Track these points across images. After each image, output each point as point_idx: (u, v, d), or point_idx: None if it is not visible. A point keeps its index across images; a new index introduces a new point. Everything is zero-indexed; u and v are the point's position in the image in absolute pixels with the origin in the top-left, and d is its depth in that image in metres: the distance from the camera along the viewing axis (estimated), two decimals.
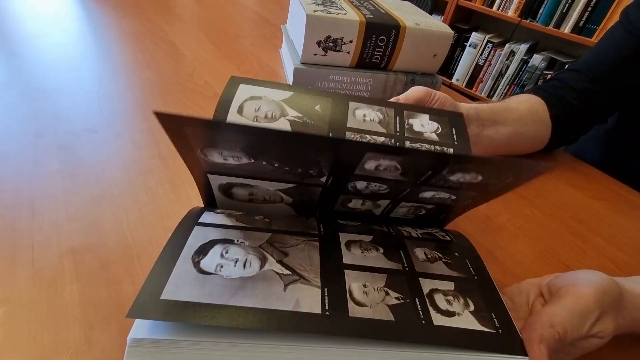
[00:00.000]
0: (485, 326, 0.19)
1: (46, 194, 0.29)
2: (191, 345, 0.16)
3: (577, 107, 0.44)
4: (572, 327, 0.19)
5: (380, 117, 0.30)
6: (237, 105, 0.28)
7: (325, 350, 0.17)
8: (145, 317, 0.16)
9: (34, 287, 0.23)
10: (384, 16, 0.50)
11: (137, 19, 0.69)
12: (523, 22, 1.37)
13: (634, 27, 0.43)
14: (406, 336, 0.18)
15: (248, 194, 0.25)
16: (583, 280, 0.21)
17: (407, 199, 0.25)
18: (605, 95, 0.44)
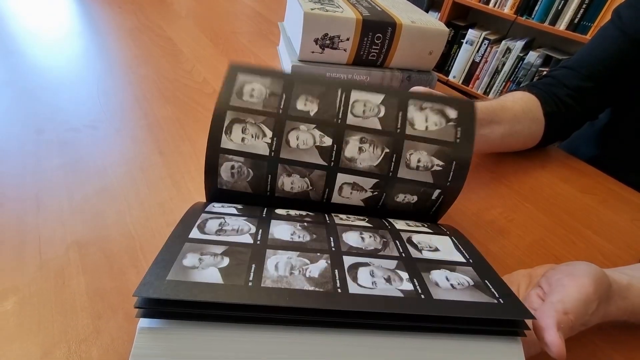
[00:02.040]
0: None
1: (50, 189, 0.30)
2: (200, 328, 0.17)
3: (570, 105, 0.45)
4: (580, 314, 0.20)
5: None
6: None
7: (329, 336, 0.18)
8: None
9: (42, 278, 0.23)
10: (380, 14, 0.51)
11: (134, 15, 0.69)
12: (519, 19, 1.38)
13: (625, 26, 0.44)
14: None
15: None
16: (581, 271, 0.22)
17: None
18: (596, 92, 0.45)
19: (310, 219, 0.25)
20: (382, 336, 0.18)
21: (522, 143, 0.45)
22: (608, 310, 0.23)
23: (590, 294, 0.21)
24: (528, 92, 0.45)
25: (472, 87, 1.64)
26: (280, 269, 0.20)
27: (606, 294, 0.22)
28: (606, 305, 0.22)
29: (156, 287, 0.17)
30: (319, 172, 0.27)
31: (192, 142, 0.38)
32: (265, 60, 0.60)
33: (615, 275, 0.24)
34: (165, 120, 0.41)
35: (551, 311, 0.19)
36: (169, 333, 0.17)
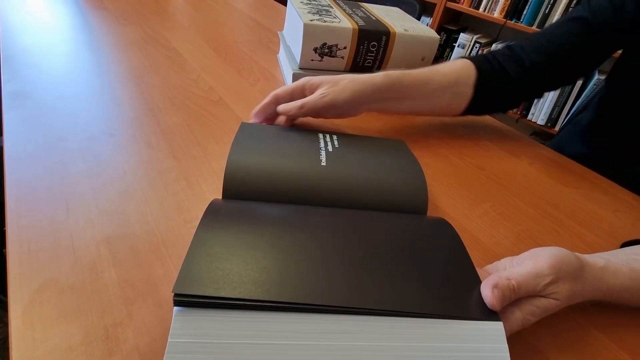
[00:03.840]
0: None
1: (77, 192, 0.32)
2: (228, 312, 0.20)
3: (516, 79, 0.46)
4: (527, 283, 0.22)
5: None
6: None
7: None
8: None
9: (77, 271, 0.26)
10: (375, 23, 0.54)
11: (138, 26, 0.72)
12: (508, 22, 1.43)
13: (592, 11, 0.45)
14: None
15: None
16: (543, 252, 0.25)
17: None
18: (547, 69, 0.46)
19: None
20: (374, 320, 0.21)
21: (436, 113, 0.48)
22: (583, 290, 0.25)
23: (545, 268, 0.23)
24: (472, 63, 0.46)
25: None
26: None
27: (573, 273, 0.24)
28: (576, 284, 0.25)
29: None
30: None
31: (202, 147, 0.41)
32: (267, 68, 0.63)
33: (591, 259, 0.27)
34: (176, 126, 0.44)
35: (494, 276, 0.22)
36: (201, 316, 0.19)
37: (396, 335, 0.20)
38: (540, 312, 0.24)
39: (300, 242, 0.24)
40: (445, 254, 0.26)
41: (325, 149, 0.35)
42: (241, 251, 0.23)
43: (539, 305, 0.23)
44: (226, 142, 0.43)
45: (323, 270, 0.22)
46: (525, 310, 0.23)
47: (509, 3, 1.41)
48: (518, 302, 0.23)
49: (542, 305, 0.23)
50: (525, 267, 0.24)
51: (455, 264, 0.25)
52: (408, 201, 0.32)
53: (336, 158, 0.34)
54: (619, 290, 0.27)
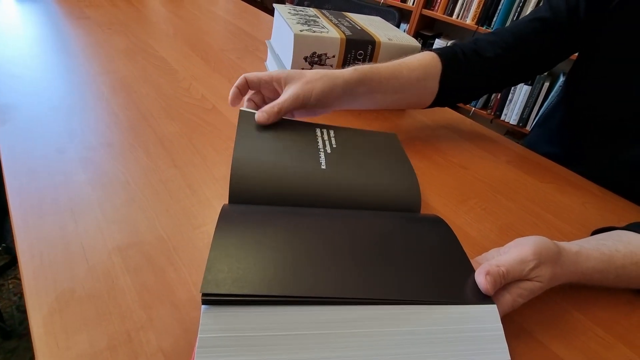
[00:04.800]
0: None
1: (82, 202, 0.33)
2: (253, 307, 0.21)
3: (478, 74, 0.49)
4: (514, 269, 0.25)
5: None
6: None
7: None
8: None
9: (92, 279, 0.26)
10: (361, 33, 0.57)
11: (124, 35, 0.72)
12: (480, 29, 1.51)
13: (551, 8, 0.48)
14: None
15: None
16: (526, 240, 0.28)
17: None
18: (508, 64, 0.49)
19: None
20: (382, 309, 0.23)
21: (403, 107, 0.51)
22: (562, 273, 0.29)
23: (528, 254, 0.26)
24: (438, 58, 0.47)
25: None
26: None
27: (553, 258, 0.27)
28: (556, 267, 0.28)
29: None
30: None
31: (201, 155, 0.42)
32: None
33: (567, 245, 0.30)
34: (173, 135, 0.44)
35: (485, 264, 0.25)
36: (226, 312, 0.21)
37: (402, 320, 0.23)
38: (527, 294, 0.26)
39: (308, 240, 0.26)
40: (441, 247, 0.28)
41: (324, 150, 0.36)
42: (257, 252, 0.24)
43: (525, 288, 0.26)
44: (224, 149, 0.44)
45: (332, 265, 0.24)
46: (514, 293, 0.26)
47: (480, 10, 1.49)
48: (507, 287, 0.26)
49: (529, 288, 0.26)
50: (511, 255, 0.27)
51: (451, 255, 0.28)
52: (403, 201, 0.34)
53: (335, 161, 0.35)
54: (591, 272, 0.30)
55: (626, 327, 0.31)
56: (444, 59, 0.47)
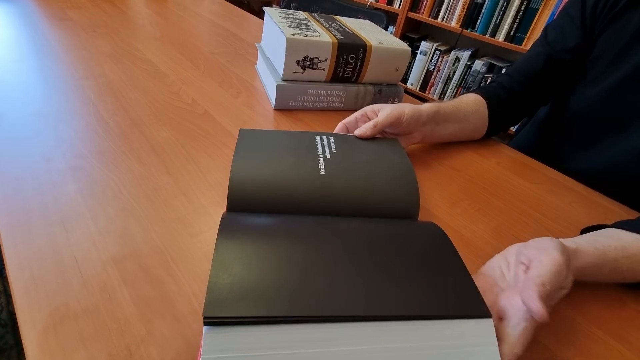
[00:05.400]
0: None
1: (73, 213, 0.31)
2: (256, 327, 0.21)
3: (508, 105, 0.56)
4: (554, 284, 0.25)
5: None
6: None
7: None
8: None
9: (88, 293, 0.26)
10: (352, 37, 0.57)
11: (109, 38, 0.70)
12: (464, 31, 1.54)
13: (549, 43, 0.55)
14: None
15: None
16: (549, 245, 0.28)
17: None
18: (528, 96, 0.57)
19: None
20: (380, 325, 0.22)
21: (468, 136, 0.56)
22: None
23: (562, 264, 0.26)
24: (479, 94, 0.56)
25: (428, 93, 1.78)
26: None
27: (570, 260, 0.28)
28: (571, 268, 0.28)
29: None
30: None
31: (195, 161, 0.41)
32: (247, 79, 0.64)
33: (566, 243, 0.31)
34: (166, 141, 0.43)
35: (532, 285, 0.25)
36: (229, 333, 0.21)
37: (399, 337, 0.23)
38: (557, 302, 0.27)
39: (309, 255, 0.26)
40: (438, 258, 0.28)
41: (323, 156, 0.36)
42: (259, 267, 0.24)
43: (556, 298, 0.27)
44: (218, 155, 0.43)
45: (333, 281, 0.24)
46: (548, 304, 0.26)
47: (464, 13, 1.53)
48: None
49: (559, 297, 0.27)
50: (546, 267, 0.26)
51: (449, 267, 0.27)
52: (401, 207, 0.35)
53: (334, 166, 0.35)
54: (588, 267, 0.31)
55: (618, 324, 0.32)
56: (485, 97, 0.55)
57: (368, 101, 0.62)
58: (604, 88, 0.51)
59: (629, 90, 0.49)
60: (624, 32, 0.48)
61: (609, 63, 0.50)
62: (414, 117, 0.44)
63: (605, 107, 0.52)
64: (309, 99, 0.57)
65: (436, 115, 0.48)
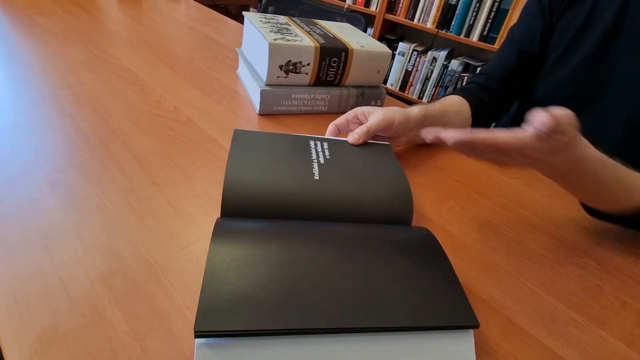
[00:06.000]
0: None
1: (56, 230, 0.30)
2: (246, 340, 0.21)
3: (488, 103, 0.59)
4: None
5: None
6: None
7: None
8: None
9: (76, 314, 0.25)
10: (334, 40, 0.58)
11: (83, 45, 0.68)
12: (440, 32, 1.58)
13: (516, 40, 0.59)
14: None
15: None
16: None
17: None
18: (504, 92, 0.60)
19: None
20: (370, 336, 0.23)
21: None
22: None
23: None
24: (460, 95, 0.58)
25: (407, 93, 1.82)
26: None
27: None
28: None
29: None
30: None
31: (181, 170, 0.41)
32: (229, 85, 0.64)
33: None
34: (150, 151, 0.42)
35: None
36: (222, 345, 0.21)
37: (387, 349, 0.23)
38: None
39: (304, 263, 0.26)
40: (430, 265, 0.28)
41: (317, 161, 0.36)
42: (251, 278, 0.24)
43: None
44: (204, 163, 0.43)
45: (326, 291, 0.24)
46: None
47: (439, 15, 1.57)
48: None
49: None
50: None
51: (439, 274, 0.28)
52: (395, 214, 0.35)
53: (328, 172, 0.35)
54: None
55: (597, 310, 0.33)
56: (466, 98, 0.58)
57: (351, 104, 0.62)
58: (563, 74, 0.55)
59: (585, 74, 0.53)
60: (576, 20, 0.53)
61: (564, 50, 0.55)
62: (403, 124, 0.45)
63: (565, 93, 0.56)
64: (293, 103, 0.58)
65: (424, 121, 0.49)
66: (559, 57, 0.55)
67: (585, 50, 0.52)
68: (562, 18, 0.54)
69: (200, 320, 0.21)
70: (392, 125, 0.44)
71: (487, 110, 0.59)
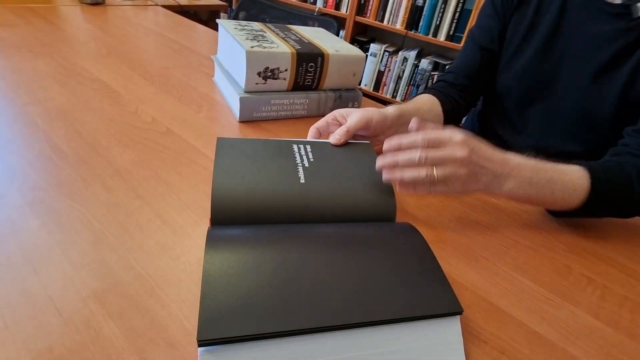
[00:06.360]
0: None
1: (41, 250, 0.30)
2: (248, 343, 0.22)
3: (458, 100, 0.63)
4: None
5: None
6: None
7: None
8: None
9: (72, 333, 0.24)
10: (310, 46, 0.59)
11: (49, 58, 0.65)
12: (409, 33, 1.63)
13: (477, 40, 0.63)
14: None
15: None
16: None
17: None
18: (473, 88, 0.65)
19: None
20: (362, 331, 0.24)
21: None
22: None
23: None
24: (431, 94, 0.62)
25: (381, 92, 1.86)
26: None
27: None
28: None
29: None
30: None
31: (165, 182, 0.41)
32: (206, 93, 0.63)
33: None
34: (131, 164, 0.42)
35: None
36: (224, 351, 0.22)
37: (379, 341, 0.25)
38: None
39: (296, 266, 0.27)
40: (414, 259, 0.30)
41: (302, 165, 0.37)
42: (248, 282, 0.25)
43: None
44: (188, 173, 0.43)
45: (319, 291, 0.25)
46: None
47: (407, 16, 1.62)
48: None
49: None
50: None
51: (424, 265, 0.30)
52: (380, 212, 0.37)
53: (314, 175, 0.36)
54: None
55: (567, 287, 0.37)
56: (437, 96, 0.61)
57: (330, 106, 0.64)
58: (517, 69, 0.60)
59: (537, 69, 0.58)
60: (525, 19, 0.58)
61: (516, 47, 0.60)
62: (380, 122, 0.47)
63: (521, 86, 0.61)
64: (272, 108, 0.58)
65: (400, 118, 0.52)
66: (514, 53, 0.60)
67: (534, 46, 0.58)
68: (513, 18, 0.60)
69: (203, 329, 0.21)
70: (370, 124, 0.46)
71: (456, 106, 0.63)
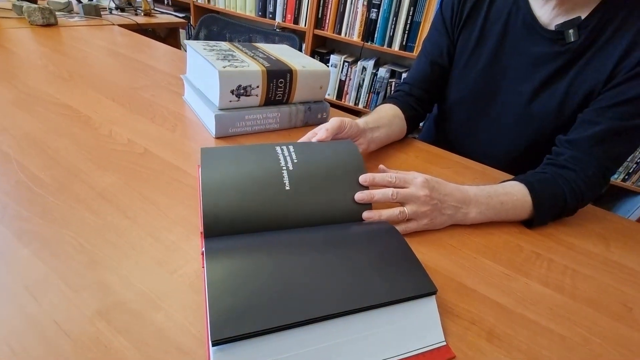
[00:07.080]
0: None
1: (37, 277, 0.30)
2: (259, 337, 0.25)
3: (416, 108, 0.70)
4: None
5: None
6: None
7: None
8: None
9: (83, 351, 0.26)
10: (278, 63, 0.63)
11: (7, 84, 0.63)
12: (366, 44, 1.73)
13: (427, 52, 0.71)
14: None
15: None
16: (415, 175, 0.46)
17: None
18: (428, 96, 0.72)
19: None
20: (347, 318, 0.28)
21: (397, 137, 0.67)
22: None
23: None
24: (392, 104, 0.68)
25: (344, 101, 1.94)
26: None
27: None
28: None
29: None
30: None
31: (151, 201, 0.42)
32: (178, 111, 0.65)
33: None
34: (113, 187, 0.43)
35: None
36: (235, 347, 0.25)
37: (368, 324, 0.28)
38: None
39: (289, 266, 0.30)
40: (392, 249, 0.35)
41: (286, 168, 0.40)
42: (250, 285, 0.28)
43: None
44: (172, 191, 0.44)
45: (312, 285, 0.29)
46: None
47: (363, 28, 1.71)
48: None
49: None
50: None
51: (400, 254, 0.34)
52: (360, 212, 0.41)
53: (298, 179, 0.39)
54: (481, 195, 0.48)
55: (520, 262, 0.43)
56: (398, 105, 0.67)
57: (300, 118, 0.68)
58: (467, 81, 0.68)
59: (484, 82, 0.66)
60: (472, 36, 0.66)
61: (465, 62, 0.68)
62: (353, 126, 0.53)
63: (471, 97, 0.69)
64: (247, 123, 0.61)
65: (369, 124, 0.57)
66: (463, 67, 0.68)
67: (482, 62, 0.65)
68: (461, 34, 0.67)
69: (215, 331, 0.24)
70: (344, 125, 0.51)
71: (415, 113, 0.70)
